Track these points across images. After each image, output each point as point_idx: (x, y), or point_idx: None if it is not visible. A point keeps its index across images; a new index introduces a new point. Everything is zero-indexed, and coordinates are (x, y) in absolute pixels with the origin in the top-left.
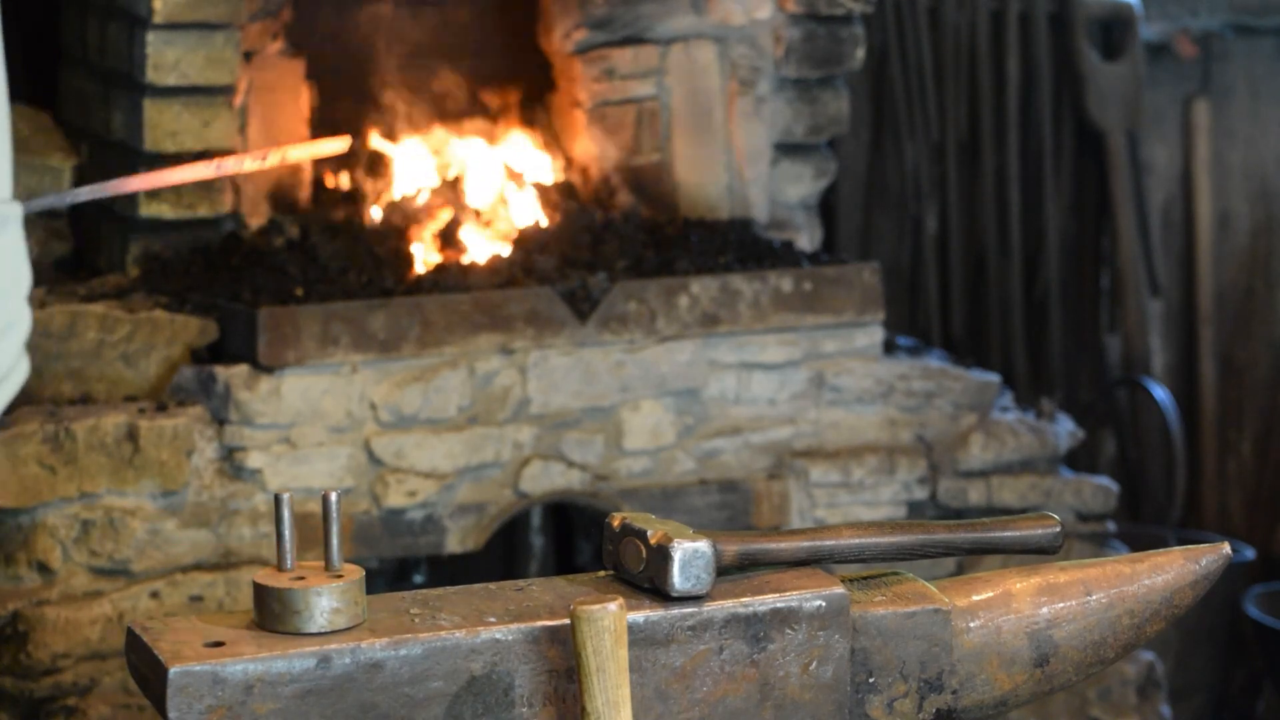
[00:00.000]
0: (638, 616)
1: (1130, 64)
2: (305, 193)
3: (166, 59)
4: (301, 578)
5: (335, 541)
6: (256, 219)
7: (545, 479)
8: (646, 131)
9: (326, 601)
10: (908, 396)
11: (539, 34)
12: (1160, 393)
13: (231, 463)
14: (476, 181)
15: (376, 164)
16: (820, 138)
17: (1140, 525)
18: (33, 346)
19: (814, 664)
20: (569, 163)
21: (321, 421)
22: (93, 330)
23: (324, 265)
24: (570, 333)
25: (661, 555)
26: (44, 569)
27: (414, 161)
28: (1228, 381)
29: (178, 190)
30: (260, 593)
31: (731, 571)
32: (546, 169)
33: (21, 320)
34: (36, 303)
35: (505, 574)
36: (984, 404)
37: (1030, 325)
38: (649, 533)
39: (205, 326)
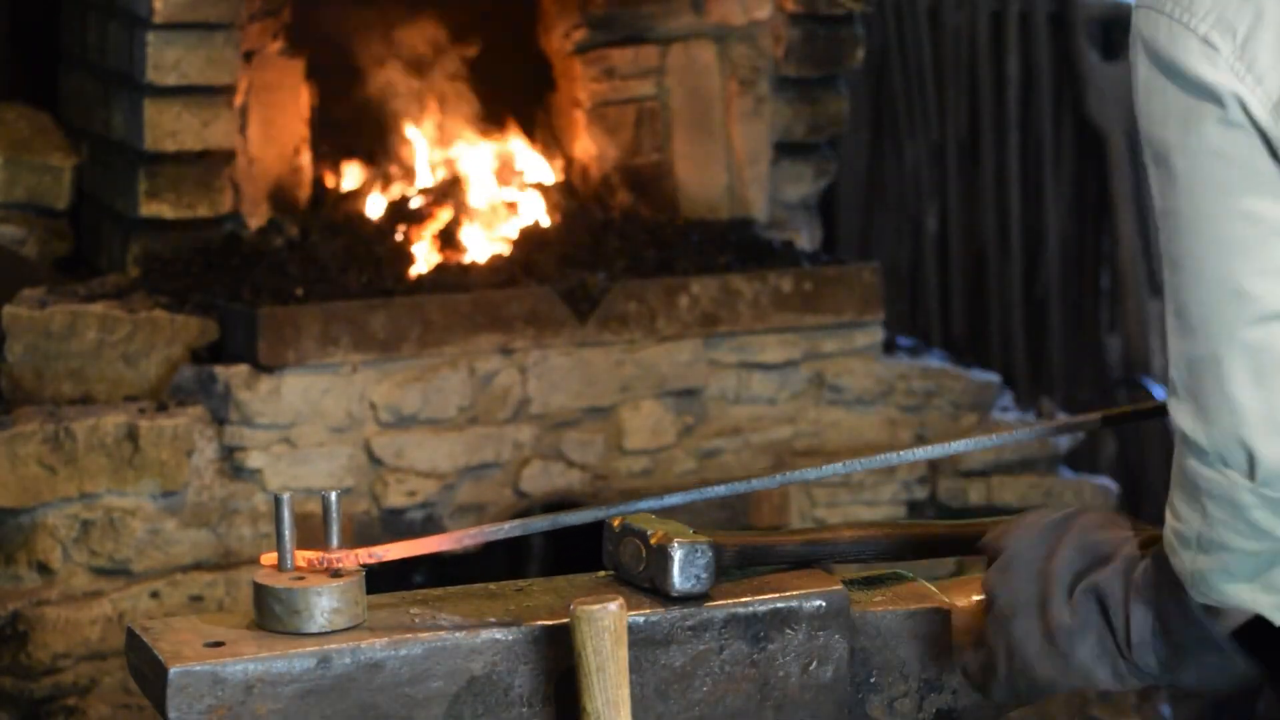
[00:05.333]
0: (638, 616)
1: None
2: (305, 193)
3: (166, 59)
4: (301, 578)
5: (335, 542)
6: (256, 219)
7: (545, 479)
8: (646, 131)
9: (326, 601)
10: (908, 396)
11: (539, 34)
12: (1160, 393)
13: (231, 463)
14: (476, 181)
15: (377, 164)
16: (820, 138)
17: None
18: (32, 346)
19: (814, 664)
20: (569, 163)
21: (321, 421)
22: (93, 330)
23: (324, 265)
24: (570, 333)
25: (661, 555)
26: (44, 569)
27: (414, 161)
28: None
29: (177, 190)
30: (260, 593)
31: (731, 572)
32: (546, 169)
33: None
34: (36, 303)
35: (505, 574)
36: (984, 404)
37: (1030, 325)
38: (649, 533)
39: (205, 326)
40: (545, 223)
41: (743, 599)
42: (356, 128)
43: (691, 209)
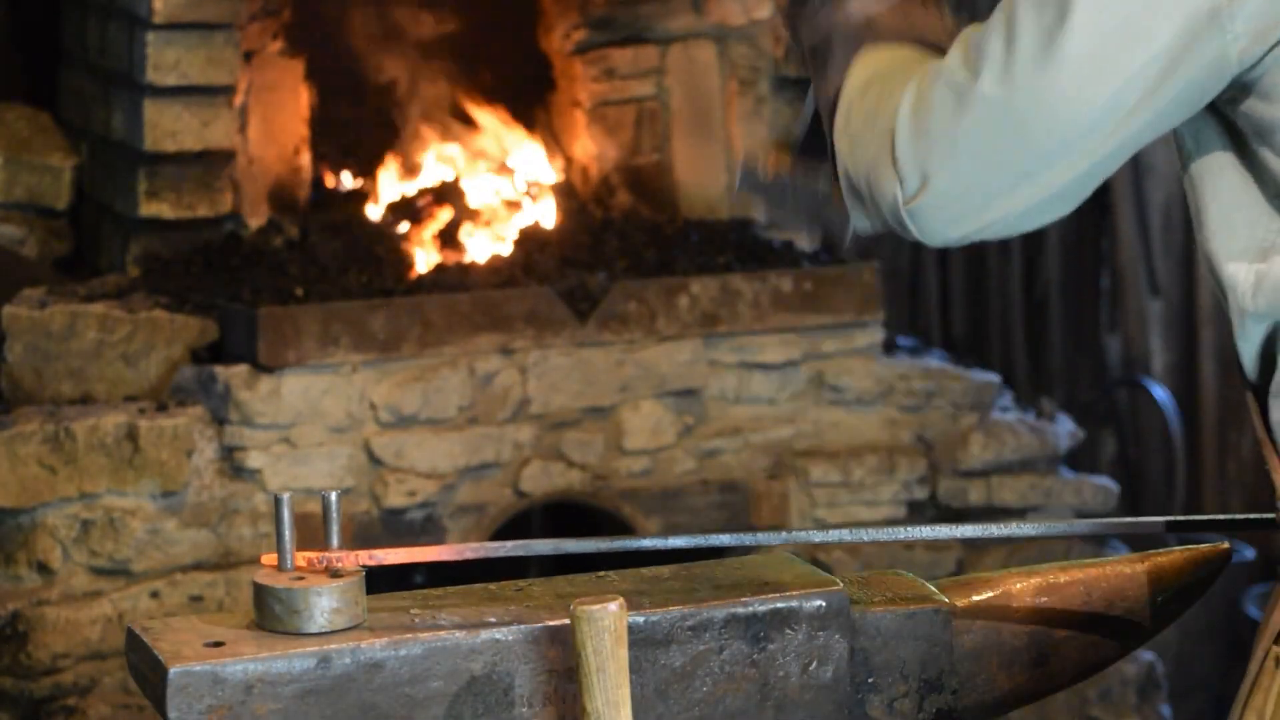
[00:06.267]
0: (638, 617)
1: None
2: (305, 193)
3: (166, 59)
4: (301, 578)
5: (335, 542)
6: (256, 219)
7: (545, 479)
8: (646, 131)
9: (326, 601)
10: (908, 396)
11: (539, 34)
12: (1160, 393)
13: (231, 463)
14: (476, 181)
15: (377, 164)
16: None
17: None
18: (32, 346)
19: (814, 664)
20: (569, 163)
21: (321, 421)
22: (93, 330)
23: (324, 265)
24: (570, 332)
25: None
26: (44, 569)
27: (414, 161)
28: (1228, 381)
29: (177, 190)
30: (260, 593)
31: None
32: (546, 169)
33: None
34: (36, 303)
35: (505, 574)
36: (984, 404)
37: (1030, 325)
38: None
39: (205, 326)
40: (545, 223)
41: (743, 599)
42: (356, 128)
43: (691, 209)
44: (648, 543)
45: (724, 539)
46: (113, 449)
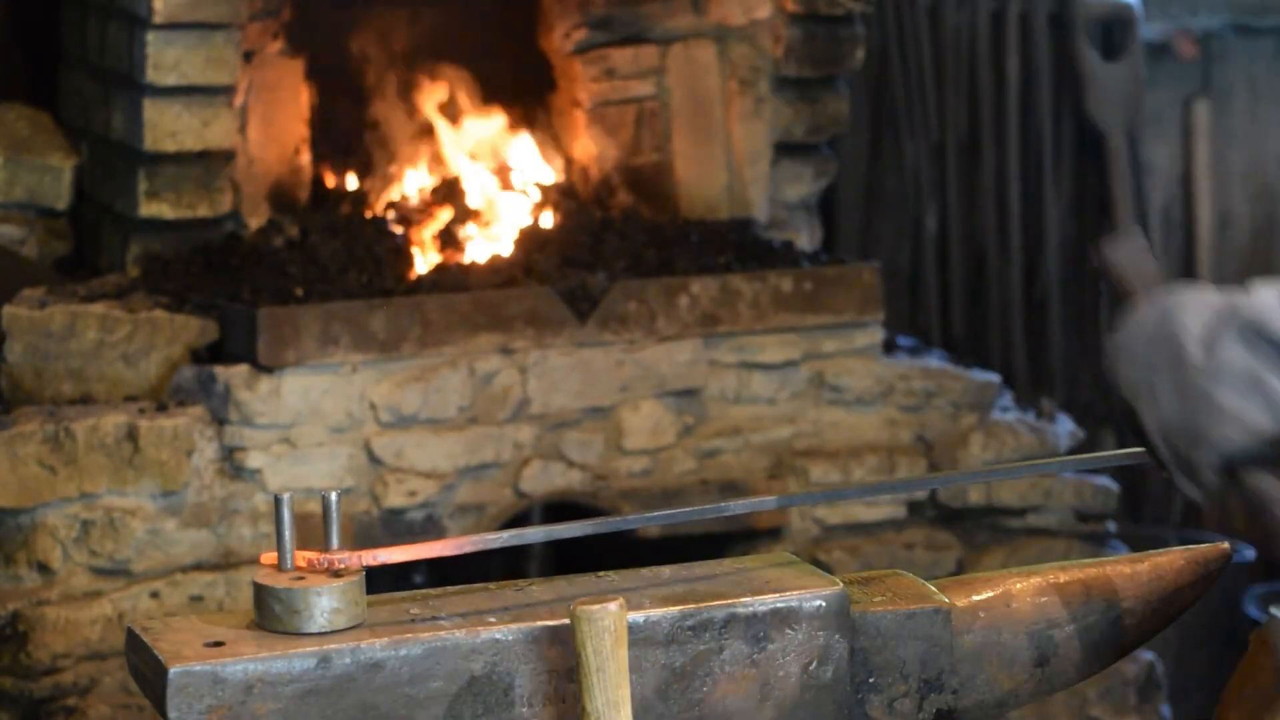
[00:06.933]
0: (638, 616)
1: (1130, 64)
2: (305, 193)
3: (166, 59)
4: (301, 578)
5: (335, 542)
6: (256, 219)
7: (545, 479)
8: (646, 131)
9: (326, 601)
10: (908, 396)
11: (539, 34)
12: None
13: (231, 463)
14: (476, 181)
15: (377, 164)
16: (820, 138)
17: (1140, 525)
18: (32, 346)
19: (814, 664)
20: (569, 163)
21: (321, 421)
22: (93, 330)
23: (324, 265)
24: (570, 333)
25: None
26: (44, 569)
27: (414, 161)
28: None
29: (177, 190)
30: (260, 593)
31: None
32: (546, 169)
33: None
34: (36, 303)
35: (505, 574)
36: (984, 404)
37: (1030, 325)
38: None
39: (205, 326)
40: (545, 223)
41: (742, 599)
42: (356, 127)
43: (691, 209)
44: (634, 520)
45: (704, 511)
46: (113, 449)
